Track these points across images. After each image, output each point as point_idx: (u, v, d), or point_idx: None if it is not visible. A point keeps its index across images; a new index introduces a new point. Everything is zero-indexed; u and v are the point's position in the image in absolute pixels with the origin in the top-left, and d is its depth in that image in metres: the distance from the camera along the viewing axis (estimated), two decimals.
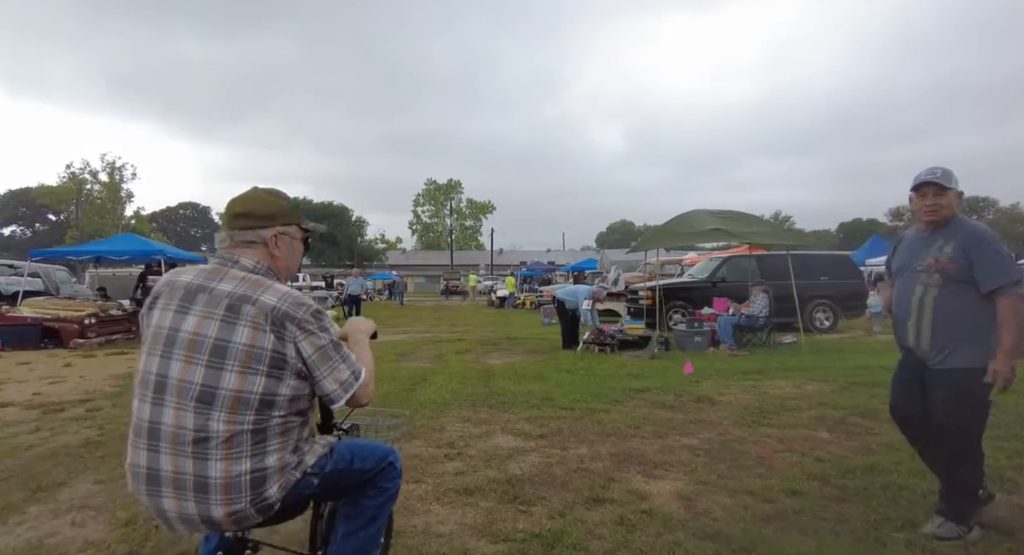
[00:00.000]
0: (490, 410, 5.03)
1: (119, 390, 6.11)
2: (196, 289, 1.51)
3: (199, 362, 1.42)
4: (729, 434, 4.23)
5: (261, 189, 1.69)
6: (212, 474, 1.39)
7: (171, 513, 1.43)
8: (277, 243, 1.62)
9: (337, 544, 1.68)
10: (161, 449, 1.42)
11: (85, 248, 12.40)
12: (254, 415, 1.42)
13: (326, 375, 1.50)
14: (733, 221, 8.79)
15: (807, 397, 5.42)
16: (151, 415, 1.44)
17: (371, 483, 1.70)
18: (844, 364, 7.17)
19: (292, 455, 1.49)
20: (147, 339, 1.52)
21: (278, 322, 1.45)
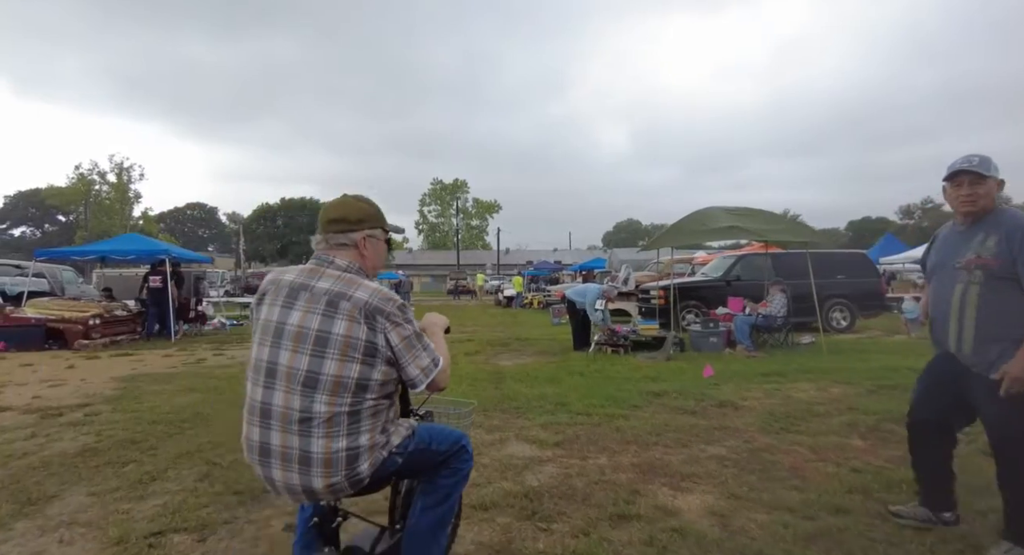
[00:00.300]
0: (503, 415, 4.82)
1: (120, 394, 5.94)
2: (299, 287, 1.70)
3: (304, 351, 1.62)
4: (756, 442, 3.99)
5: (351, 196, 1.88)
6: (314, 450, 1.59)
7: (279, 482, 1.64)
8: (366, 244, 1.79)
9: (416, 517, 1.84)
10: (272, 426, 1.62)
11: (90, 248, 12.30)
12: (351, 398, 1.61)
13: (410, 362, 1.66)
14: (749, 218, 8.54)
15: (834, 401, 5.18)
16: (263, 397, 1.65)
17: (446, 464, 1.87)
18: (868, 365, 6.91)
19: (381, 435, 1.68)
20: (257, 330, 1.73)
21: (370, 315, 1.63)
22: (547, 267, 36.68)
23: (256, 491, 3.16)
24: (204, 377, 6.90)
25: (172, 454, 3.84)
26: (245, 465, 2.76)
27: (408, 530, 1.85)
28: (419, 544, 1.83)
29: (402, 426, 1.78)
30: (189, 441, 4.16)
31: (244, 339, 11.55)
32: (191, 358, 8.70)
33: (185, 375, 7.11)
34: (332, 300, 1.65)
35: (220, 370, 7.43)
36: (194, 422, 4.72)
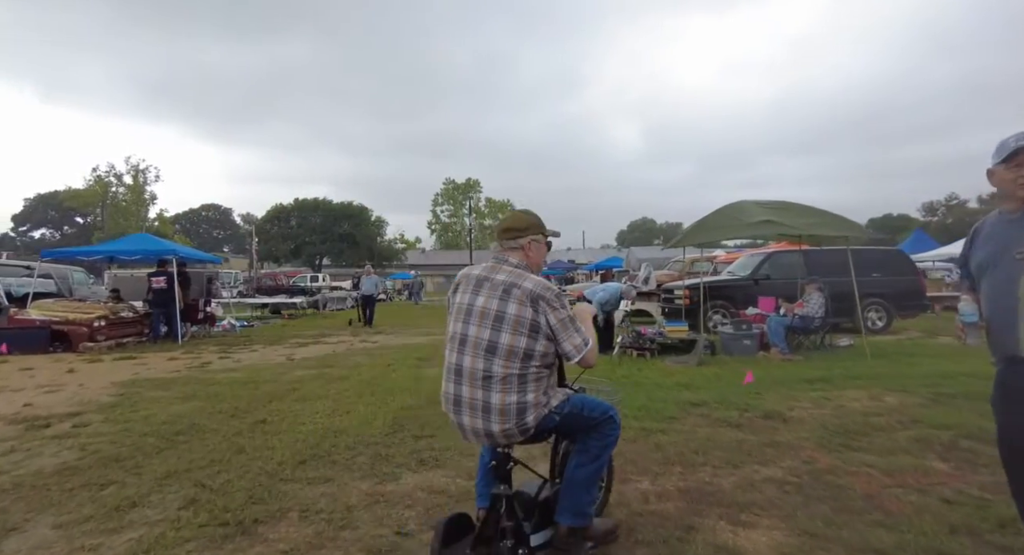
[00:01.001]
0: None
1: (116, 401, 5.58)
2: (483, 279, 2.17)
3: (486, 326, 2.07)
4: (818, 462, 3.49)
5: (519, 211, 2.40)
6: (493, 401, 2.03)
7: (467, 426, 2.09)
8: (530, 247, 2.26)
9: (571, 472, 2.23)
10: (462, 382, 2.08)
11: (97, 248, 12.07)
12: (520, 363, 2.04)
13: (565, 339, 2.06)
14: (784, 212, 7.98)
15: (893, 412, 4.65)
16: (456, 360, 2.11)
17: (596, 429, 2.22)
18: (918, 371, 6.35)
19: (543, 396, 2.09)
20: (452, 312, 2.22)
21: (534, 300, 2.05)
22: (561, 266, 36.13)
23: (246, 523, 2.74)
24: (206, 383, 6.53)
25: (158, 474, 3.44)
26: (235, 488, 2.99)
27: (564, 481, 2.26)
28: (574, 493, 2.22)
29: (559, 392, 2.22)
30: (179, 457, 3.75)
31: (253, 342, 11.22)
32: (195, 362, 8.36)
33: (187, 380, 6.75)
34: (507, 288, 2.11)
35: (223, 375, 7.06)
36: (188, 434, 4.33)
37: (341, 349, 9.78)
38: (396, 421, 4.60)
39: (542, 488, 2.37)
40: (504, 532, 2.08)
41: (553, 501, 2.28)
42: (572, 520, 2.21)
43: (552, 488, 2.37)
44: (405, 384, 6.13)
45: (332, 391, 5.87)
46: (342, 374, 6.96)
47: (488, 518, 2.15)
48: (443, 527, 2.19)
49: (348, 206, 53.22)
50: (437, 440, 4.07)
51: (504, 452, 2.15)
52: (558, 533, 2.22)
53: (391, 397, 5.48)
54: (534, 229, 2.30)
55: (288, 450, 3.87)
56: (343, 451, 3.86)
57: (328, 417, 4.76)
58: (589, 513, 2.26)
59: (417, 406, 5.09)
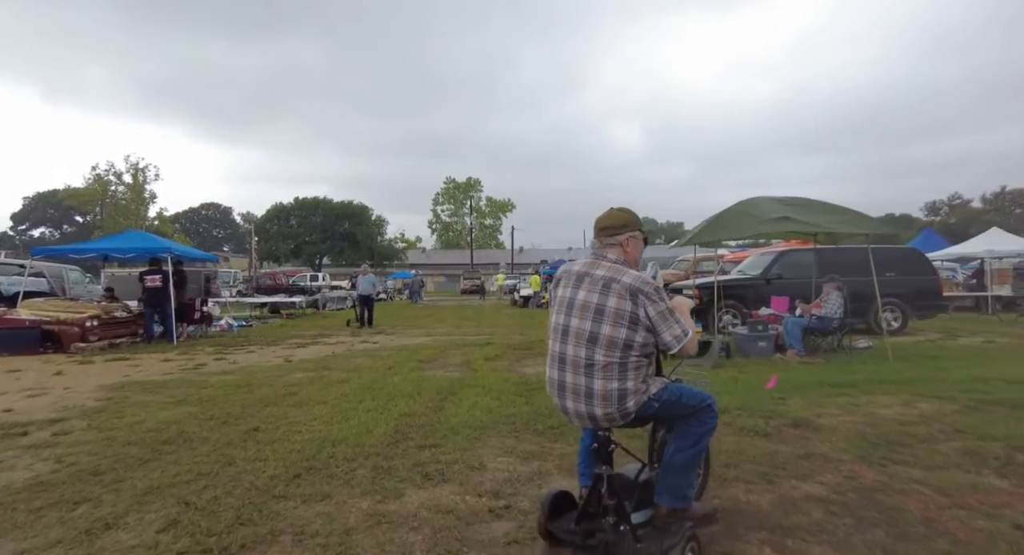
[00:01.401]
0: (537, 438, 4.05)
1: (102, 406, 5.28)
2: (583, 274, 2.35)
3: (587, 318, 2.24)
4: (862, 477, 3.19)
5: (616, 208, 2.48)
6: (595, 387, 2.21)
7: (570, 409, 2.29)
8: (628, 243, 2.38)
9: (669, 456, 2.34)
10: (566, 369, 2.28)
11: (90, 246, 11.76)
12: (620, 352, 2.19)
13: (664, 330, 2.19)
14: (802, 209, 7.65)
15: (931, 420, 4.34)
16: (559, 349, 2.32)
17: (694, 416, 2.33)
18: (950, 375, 6.03)
19: (642, 384, 2.24)
20: (554, 305, 2.41)
21: (633, 294, 2.19)
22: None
23: (232, 549, 2.44)
24: (198, 386, 6.22)
25: (139, 489, 3.13)
26: (223, 506, 2.81)
27: (664, 465, 2.36)
28: (673, 476, 2.32)
29: (658, 381, 2.32)
30: (163, 470, 3.45)
31: (250, 342, 10.92)
32: (189, 363, 8.06)
33: (179, 383, 6.45)
34: (606, 283, 2.22)
35: (217, 378, 6.76)
36: (175, 444, 4.02)
37: (340, 350, 9.47)
38: (398, 429, 4.29)
39: (641, 471, 2.47)
40: (606, 509, 2.21)
41: (652, 484, 2.41)
42: (672, 502, 2.32)
43: (650, 472, 2.49)
44: (407, 388, 5.82)
45: (330, 395, 5.56)
46: (341, 377, 6.65)
47: (590, 496, 2.28)
48: (548, 503, 2.40)
49: (348, 205, 52.95)
50: (442, 450, 3.77)
51: (605, 435, 2.29)
52: (658, 513, 2.35)
53: (392, 402, 5.17)
54: (632, 226, 2.41)
55: (282, 462, 3.57)
56: (341, 463, 3.56)
57: (326, 424, 4.46)
58: (688, 496, 2.37)
59: (420, 412, 4.79)
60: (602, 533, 2.19)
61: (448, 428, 4.27)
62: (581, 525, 2.27)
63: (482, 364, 7.45)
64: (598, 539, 2.18)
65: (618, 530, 2.16)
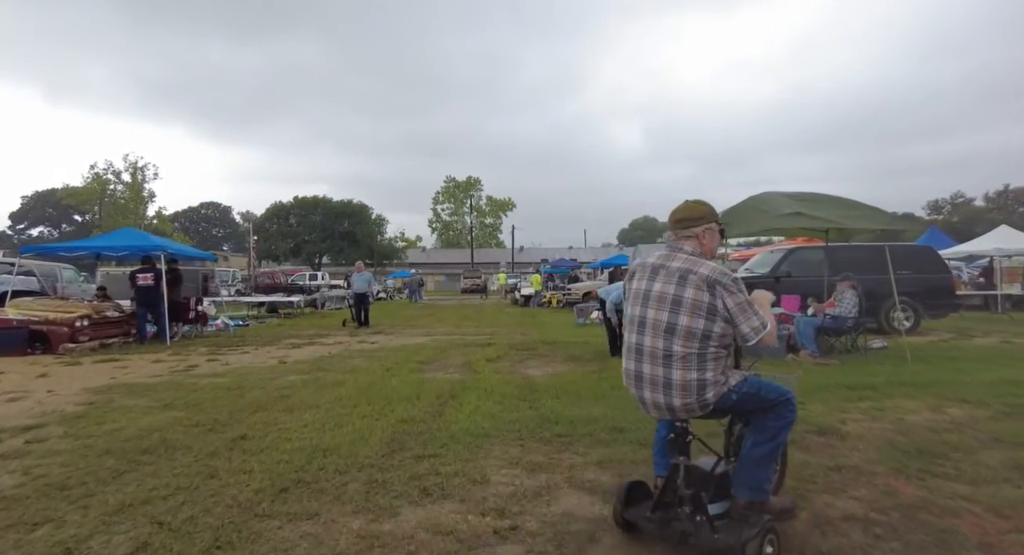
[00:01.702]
0: (544, 447, 3.78)
1: (83, 411, 5.00)
2: (658, 266, 2.37)
3: (664, 309, 2.27)
4: (901, 493, 2.91)
5: (692, 201, 2.51)
6: (674, 377, 2.23)
7: (647, 400, 2.34)
8: (704, 235, 2.41)
9: (747, 449, 2.37)
10: (643, 360, 2.32)
11: (81, 244, 11.46)
12: (698, 343, 2.21)
13: (743, 322, 2.21)
14: (815, 204, 7.37)
15: (963, 427, 4.06)
16: (636, 340, 2.36)
17: (773, 410, 2.35)
18: (974, 378, 5.75)
19: (720, 375, 2.25)
20: (630, 297, 2.46)
21: (711, 285, 2.22)
22: (565, 265, 35.46)
23: None
24: (187, 389, 5.95)
25: (110, 507, 2.86)
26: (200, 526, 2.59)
27: (741, 458, 2.37)
28: (751, 469, 2.33)
29: (737, 373, 2.35)
30: (139, 484, 3.17)
31: (246, 342, 10.64)
32: (181, 365, 7.78)
33: (167, 386, 6.17)
34: (683, 274, 2.28)
35: (208, 380, 6.48)
36: (156, 453, 3.74)
37: (337, 351, 9.19)
38: (395, 437, 4.02)
39: (717, 464, 2.45)
40: (682, 499, 2.26)
41: (728, 476, 2.40)
42: (749, 494, 2.33)
43: (726, 465, 2.46)
44: (405, 391, 5.54)
45: (324, 399, 5.29)
46: (336, 379, 6.38)
47: (666, 486, 2.33)
48: (624, 492, 2.48)
49: (348, 204, 52.66)
50: (442, 461, 3.49)
51: (683, 426, 2.32)
52: (735, 505, 2.35)
53: (389, 407, 4.90)
54: (708, 218, 2.41)
55: (268, 474, 3.29)
56: (332, 476, 3.28)
57: (318, 432, 4.18)
58: (766, 489, 2.38)
59: (419, 418, 4.51)
60: (678, 522, 2.26)
61: (448, 436, 4.00)
62: (657, 513, 2.34)
63: (484, 365, 7.17)
64: (674, 528, 2.26)
65: (694, 520, 2.22)
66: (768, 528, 2.15)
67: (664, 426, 2.54)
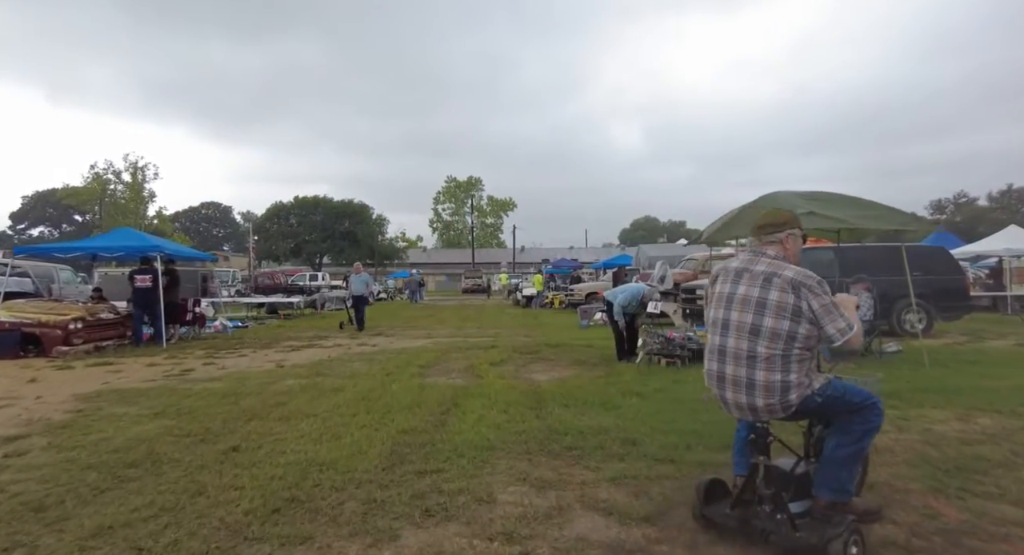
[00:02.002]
0: (553, 461, 3.56)
1: (70, 419, 4.79)
2: (742, 270, 2.44)
3: (749, 311, 2.33)
4: (943, 516, 2.69)
5: (775, 208, 2.82)
6: (757, 378, 2.29)
7: (729, 400, 2.40)
8: (788, 240, 2.47)
9: (831, 451, 2.37)
10: (726, 361, 2.39)
11: (75, 244, 11.25)
12: (783, 345, 2.26)
13: (828, 323, 2.24)
14: (828, 203, 7.15)
15: (998, 439, 3.84)
16: (719, 342, 2.43)
17: (858, 413, 2.35)
18: (999, 384, 5.53)
19: (805, 377, 2.29)
20: (712, 300, 2.54)
21: (796, 287, 2.27)
22: (567, 265, 35.24)
23: None
24: (181, 395, 5.74)
25: (87, 530, 2.64)
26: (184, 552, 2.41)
27: (823, 459, 2.41)
28: (834, 470, 2.36)
29: (821, 376, 2.38)
30: (122, 503, 2.96)
31: (244, 345, 10.44)
32: (176, 369, 7.57)
33: (160, 392, 5.96)
34: (767, 277, 2.34)
35: (203, 385, 6.27)
36: (142, 467, 3.53)
37: (336, 354, 8.98)
38: (395, 450, 3.80)
39: (797, 464, 2.47)
40: (762, 498, 2.32)
41: (808, 477, 2.43)
42: (832, 495, 2.35)
43: (806, 467, 2.48)
44: (406, 398, 5.33)
45: (322, 407, 5.08)
46: (335, 385, 6.16)
47: (746, 484, 2.40)
48: (703, 489, 2.52)
49: (349, 204, 52.46)
50: (445, 477, 3.27)
51: (764, 427, 2.38)
52: (816, 505, 2.37)
53: (390, 416, 4.68)
54: (791, 224, 2.50)
55: (260, 491, 3.08)
56: (328, 493, 3.07)
57: (314, 443, 3.97)
58: (849, 490, 2.39)
59: (420, 428, 4.29)
60: (758, 520, 2.31)
61: (451, 448, 3.78)
62: (736, 511, 2.39)
63: (487, 370, 6.96)
64: (754, 525, 2.31)
65: (774, 518, 2.27)
66: (852, 529, 2.16)
67: (744, 426, 2.58)
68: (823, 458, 2.40)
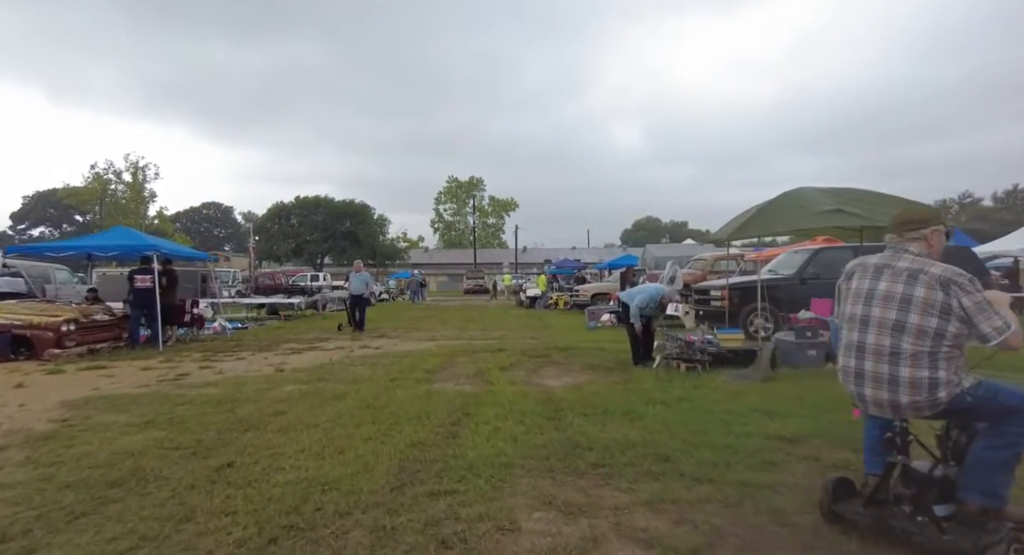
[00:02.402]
0: (579, 480, 3.22)
1: (54, 430, 4.46)
2: (883, 266, 2.43)
3: (892, 308, 2.30)
4: None
5: (916, 205, 3.14)
6: (901, 375, 2.25)
7: (868, 397, 2.37)
8: (932, 236, 2.44)
9: (980, 454, 2.27)
10: (864, 358, 2.36)
11: (68, 243, 10.93)
12: (930, 342, 2.21)
13: (982, 321, 2.16)
14: (857, 201, 6.84)
15: None
16: (858, 338, 2.40)
17: (1013, 416, 2.23)
18: None
19: (954, 376, 2.22)
20: (849, 297, 2.52)
21: (944, 284, 2.22)
22: (569, 265, 34.92)
23: None
24: (174, 402, 5.42)
25: None
26: None
27: (971, 462, 2.29)
28: (985, 473, 2.25)
29: (970, 375, 2.29)
30: (97, 531, 2.63)
31: (243, 347, 10.11)
32: (171, 373, 7.25)
33: (153, 398, 5.64)
34: (912, 274, 2.31)
35: (198, 392, 5.94)
36: (126, 486, 3.21)
37: (338, 357, 8.64)
38: (404, 466, 3.47)
39: (934, 467, 2.40)
40: (899, 498, 2.28)
41: (949, 480, 2.34)
42: (983, 500, 2.24)
43: (944, 470, 2.40)
44: (413, 407, 5.00)
45: (323, 416, 4.75)
46: (337, 391, 5.83)
47: (881, 484, 2.35)
48: (832, 486, 2.50)
49: (350, 204, 52.13)
50: (461, 499, 2.94)
51: (903, 425, 2.34)
52: (964, 510, 2.27)
53: (396, 427, 4.35)
54: (935, 220, 2.46)
55: (255, 517, 2.75)
56: (332, 520, 2.74)
57: (315, 459, 3.64)
58: (1002, 496, 2.27)
59: (430, 442, 3.96)
60: (895, 520, 2.27)
61: (466, 465, 3.45)
62: (869, 510, 2.36)
63: (497, 375, 6.62)
64: (892, 526, 2.28)
65: (915, 520, 2.23)
66: (1012, 538, 2.08)
67: (876, 424, 2.53)
68: (971, 461, 2.29)
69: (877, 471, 2.47)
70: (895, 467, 2.32)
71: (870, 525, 2.35)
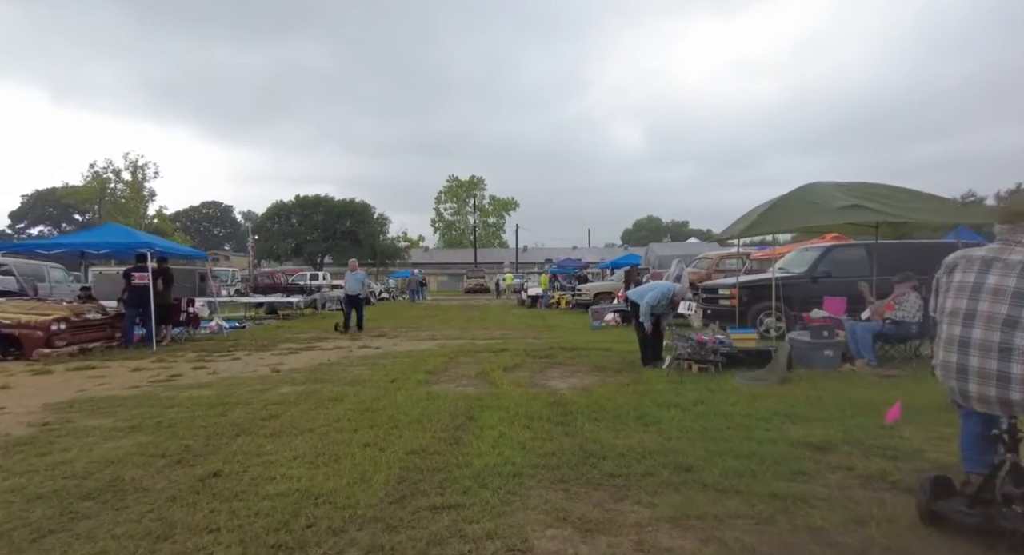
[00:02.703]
0: (595, 493, 2.96)
1: (32, 435, 4.21)
2: (991, 259, 2.34)
3: (1003, 302, 2.22)
4: None
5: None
6: (1014, 371, 2.17)
7: (972, 394, 2.29)
8: None
9: None
10: (969, 353, 2.28)
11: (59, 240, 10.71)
12: None
13: None
14: (872, 196, 6.57)
15: None
16: (962, 333, 2.31)
17: None
18: None
19: None
20: (951, 290, 2.43)
21: None
22: (571, 264, 34.64)
23: None
24: (163, 405, 5.16)
25: None
26: None
27: None
28: None
29: None
30: (64, 552, 2.37)
31: (239, 347, 9.85)
32: (163, 374, 7.00)
33: (141, 400, 5.38)
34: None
35: (189, 394, 5.69)
36: (101, 499, 2.95)
37: (336, 358, 8.39)
38: (404, 475, 3.21)
39: None
40: (1010, 498, 2.18)
41: None
42: None
43: None
44: (414, 410, 4.74)
45: (319, 420, 4.49)
46: (335, 393, 5.57)
47: (987, 482, 2.28)
48: (930, 485, 2.44)
49: (350, 203, 51.87)
50: (467, 515, 2.68)
51: (1013, 422, 2.26)
52: None
53: (396, 432, 4.09)
54: None
55: (240, 535, 2.49)
56: (325, 538, 2.48)
57: (308, 467, 3.38)
58: None
59: (433, 448, 3.70)
60: (1006, 521, 2.17)
61: (471, 475, 3.19)
62: (974, 509, 2.29)
63: (501, 376, 6.36)
64: (1002, 526, 2.17)
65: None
66: None
67: (977, 421, 2.46)
68: None
69: (980, 469, 2.40)
70: (1003, 465, 2.23)
71: (978, 525, 2.26)
